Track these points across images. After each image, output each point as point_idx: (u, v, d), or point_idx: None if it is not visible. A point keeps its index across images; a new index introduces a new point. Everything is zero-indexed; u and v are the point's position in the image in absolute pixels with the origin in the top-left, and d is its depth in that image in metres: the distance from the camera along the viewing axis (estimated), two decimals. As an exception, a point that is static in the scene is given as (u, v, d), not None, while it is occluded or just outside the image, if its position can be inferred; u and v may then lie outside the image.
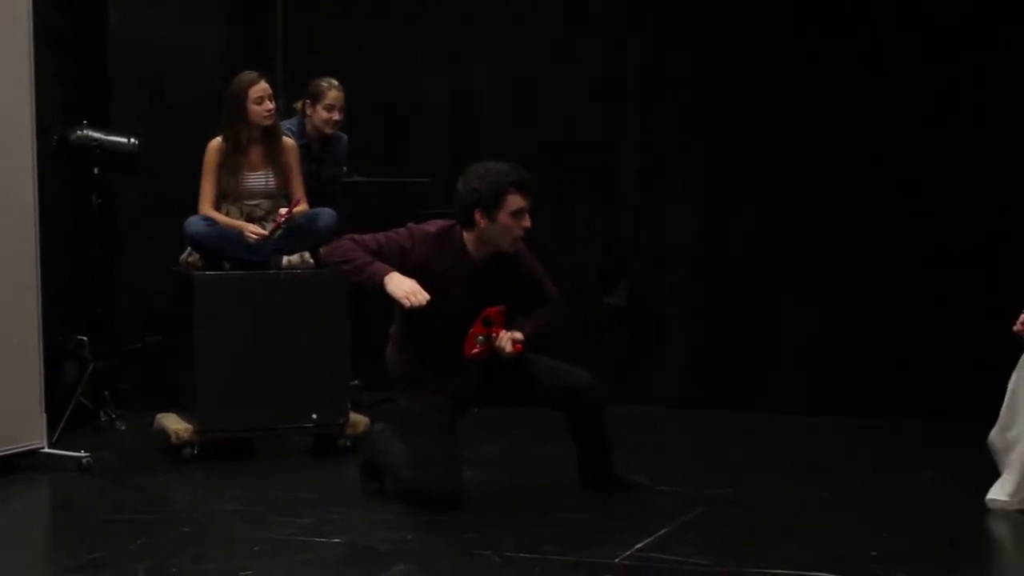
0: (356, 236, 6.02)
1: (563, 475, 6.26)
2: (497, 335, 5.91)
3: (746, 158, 8.43)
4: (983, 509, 5.90)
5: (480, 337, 5.90)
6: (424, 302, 5.74)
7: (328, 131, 7.85)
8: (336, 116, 7.83)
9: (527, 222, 5.88)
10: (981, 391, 7.80)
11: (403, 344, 6.08)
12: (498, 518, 5.87)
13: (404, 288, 5.79)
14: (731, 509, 6.05)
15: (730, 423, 8.06)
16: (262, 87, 7.19)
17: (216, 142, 7.21)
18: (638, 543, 5.40)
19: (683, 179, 8.54)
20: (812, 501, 6.21)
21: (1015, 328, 5.81)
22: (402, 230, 6.02)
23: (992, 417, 6.01)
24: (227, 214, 7.21)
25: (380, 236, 5.98)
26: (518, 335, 5.92)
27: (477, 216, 5.86)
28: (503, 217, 5.83)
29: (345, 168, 8.07)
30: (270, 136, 7.25)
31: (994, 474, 5.95)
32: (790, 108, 8.32)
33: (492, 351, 5.91)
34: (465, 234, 5.94)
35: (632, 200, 8.66)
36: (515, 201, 5.83)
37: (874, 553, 5.28)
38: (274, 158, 7.25)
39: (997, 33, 7.92)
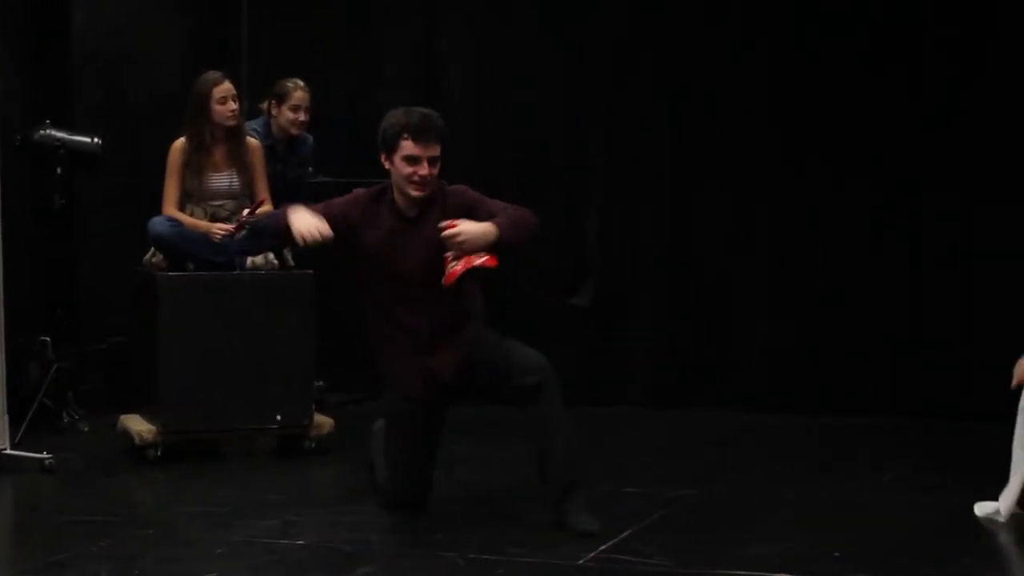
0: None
1: (529, 476, 6.25)
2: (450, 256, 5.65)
3: (714, 157, 8.45)
4: (947, 509, 5.92)
5: (453, 263, 5.63)
6: (320, 236, 5.61)
7: (294, 132, 7.84)
8: (302, 117, 7.82)
9: (424, 169, 5.71)
10: (950, 389, 7.91)
11: (373, 324, 5.93)
12: (464, 519, 5.86)
13: (302, 225, 5.66)
14: (696, 510, 6.06)
15: (697, 424, 8.08)
16: (226, 87, 7.17)
17: (180, 142, 7.18)
18: (603, 544, 5.39)
19: (651, 179, 8.55)
20: (777, 501, 6.22)
21: (1013, 385, 5.66)
22: (348, 195, 5.97)
23: (960, 415, 6.02)
24: (191, 215, 7.18)
25: (323, 205, 5.88)
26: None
27: (383, 159, 5.82)
28: (398, 161, 5.74)
29: (311, 169, 8.05)
30: (234, 136, 7.23)
31: (959, 471, 5.97)
32: (758, 108, 8.34)
33: (469, 266, 5.62)
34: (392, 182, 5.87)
35: (600, 200, 8.67)
36: (407, 147, 5.72)
37: (837, 553, 5.29)
38: (238, 158, 7.23)
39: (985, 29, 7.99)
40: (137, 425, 7.06)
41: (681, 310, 8.48)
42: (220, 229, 7.08)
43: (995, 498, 5.75)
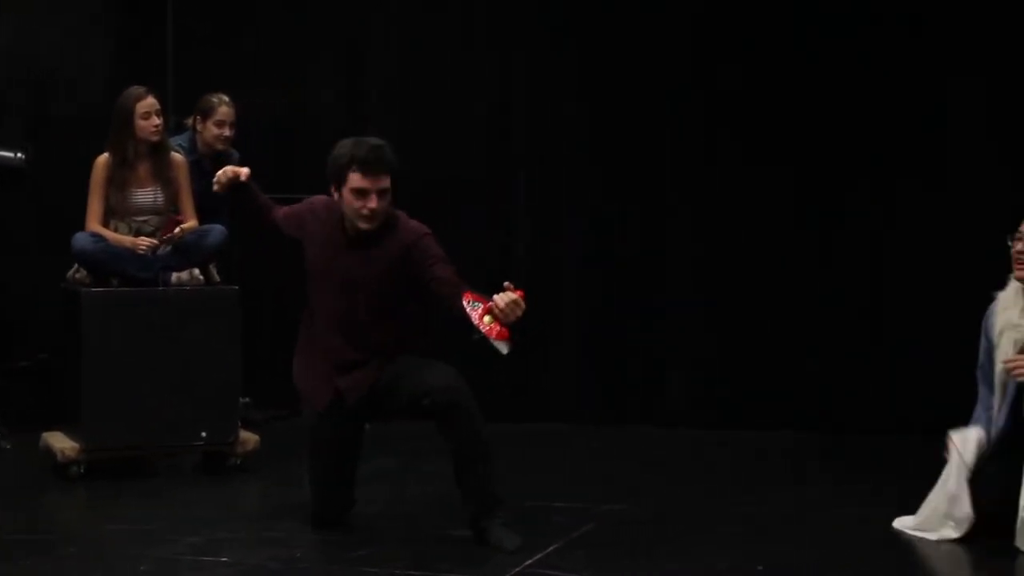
0: None
1: (454, 491, 6.23)
2: (489, 307, 5.41)
3: (636, 168, 8.49)
4: (870, 524, 5.96)
5: (487, 318, 5.40)
6: (226, 178, 5.81)
7: (219, 147, 7.79)
8: (227, 132, 7.78)
9: (372, 203, 5.68)
10: (875, 404, 7.98)
11: (302, 334, 5.94)
12: (390, 535, 5.84)
13: (224, 171, 5.87)
14: (623, 525, 6.06)
15: (625, 439, 8.10)
16: (149, 102, 7.13)
17: (103, 158, 7.13)
18: (528, 559, 5.39)
19: (575, 192, 8.58)
20: (703, 516, 6.24)
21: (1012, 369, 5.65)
22: (306, 201, 6.00)
23: (886, 430, 6.07)
24: (115, 230, 7.13)
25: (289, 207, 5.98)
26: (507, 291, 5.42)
27: (332, 190, 5.81)
28: (347, 194, 5.73)
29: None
30: (158, 152, 7.19)
31: (884, 486, 6.03)
32: (682, 116, 8.40)
33: (492, 334, 5.40)
34: None
35: (524, 214, 8.69)
36: (355, 179, 5.70)
37: (760, 567, 5.32)
38: (163, 174, 7.19)
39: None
40: (60, 442, 7.00)
41: (607, 326, 8.50)
42: (144, 241, 7.04)
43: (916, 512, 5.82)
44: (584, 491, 6.66)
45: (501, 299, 5.34)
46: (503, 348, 5.37)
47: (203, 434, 7.03)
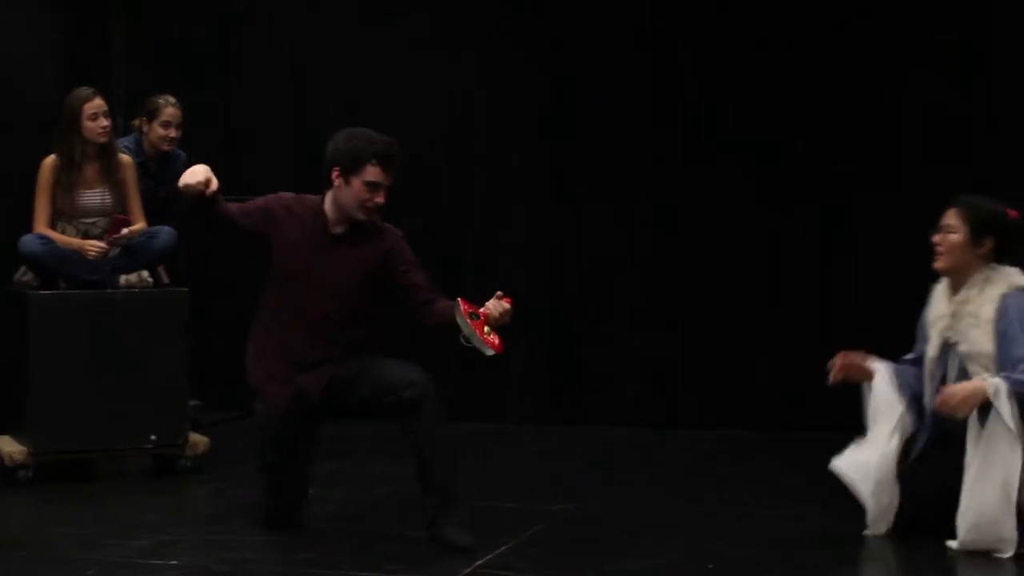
0: None
1: (407, 492, 6.25)
2: (486, 315, 5.64)
3: (593, 168, 8.50)
4: (821, 521, 6.01)
5: (486, 328, 5.62)
6: (196, 182, 5.57)
7: (165, 148, 7.75)
8: (172, 133, 7.74)
9: (381, 197, 5.74)
10: (823, 402, 8.00)
11: (258, 332, 5.88)
12: (341, 536, 5.84)
13: (188, 173, 5.63)
14: (573, 524, 6.08)
15: (574, 439, 8.11)
16: (97, 103, 7.10)
17: (50, 160, 7.10)
18: (479, 560, 5.40)
19: (527, 191, 8.59)
20: (653, 515, 6.27)
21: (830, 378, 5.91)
22: (269, 195, 5.95)
23: (836, 427, 6.13)
24: (63, 232, 7.09)
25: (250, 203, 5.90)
26: (499, 300, 5.65)
27: (334, 175, 5.76)
28: (357, 184, 5.71)
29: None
30: (106, 153, 7.15)
31: (834, 483, 6.08)
32: (634, 116, 8.42)
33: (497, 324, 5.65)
34: (326, 194, 5.82)
35: (476, 215, 8.69)
36: (373, 172, 5.71)
37: (711, 566, 5.35)
38: (110, 175, 7.16)
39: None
40: (7, 446, 6.95)
41: (557, 326, 8.52)
42: (93, 246, 7.01)
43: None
44: (534, 491, 6.68)
45: (495, 309, 5.60)
46: (488, 351, 5.63)
47: (152, 437, 7.00)
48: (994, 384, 5.42)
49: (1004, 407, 5.38)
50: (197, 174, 5.65)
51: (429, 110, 8.71)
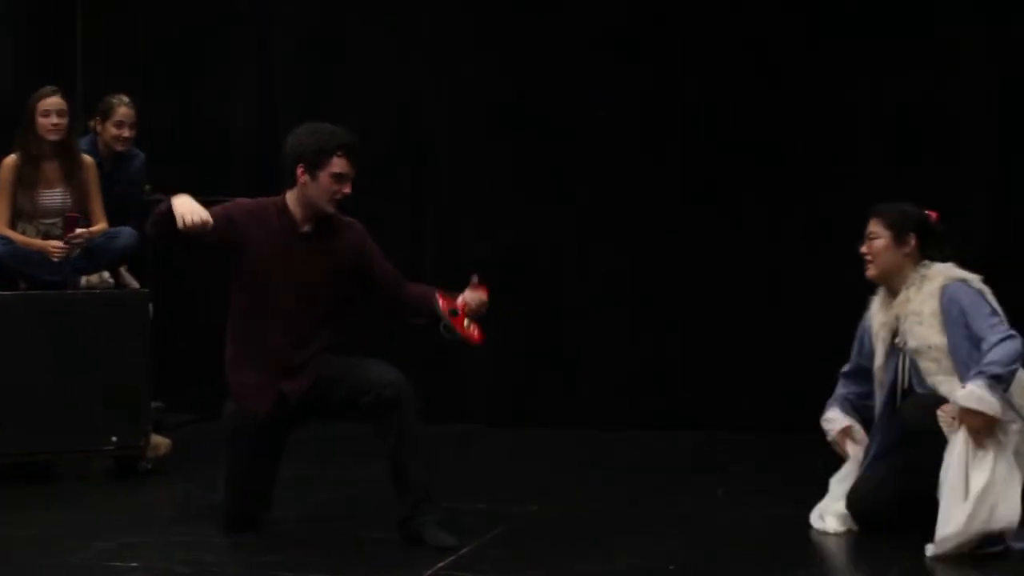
0: None
1: (370, 495, 6.26)
2: (463, 307, 5.77)
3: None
4: (784, 522, 6.04)
5: (465, 321, 5.75)
6: (200, 221, 5.53)
7: (119, 148, 7.70)
8: (126, 133, 7.69)
9: (348, 188, 5.75)
10: (774, 405, 8.04)
11: (234, 337, 5.85)
12: (304, 539, 5.84)
13: (185, 208, 5.56)
14: (535, 526, 6.09)
15: (536, 441, 8.13)
16: (52, 101, 7.08)
17: (11, 159, 7.08)
18: (440, 562, 5.40)
19: (491, 191, 8.60)
20: (615, 516, 6.29)
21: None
22: (230, 202, 5.92)
23: (800, 429, 6.16)
24: (23, 233, 7.07)
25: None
26: (475, 289, 5.81)
27: (299, 171, 5.75)
28: (324, 177, 5.72)
29: (148, 187, 7.95)
30: (65, 153, 7.13)
31: (798, 484, 6.12)
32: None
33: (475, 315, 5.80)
34: (288, 193, 5.82)
35: (439, 214, 8.70)
36: (339, 164, 5.72)
37: (672, 567, 5.36)
38: (71, 175, 7.14)
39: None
40: (-33, 448, 6.93)
41: (517, 327, 8.52)
42: (55, 247, 6.98)
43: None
44: (494, 493, 6.68)
45: (472, 300, 5.75)
46: (469, 344, 5.80)
47: (113, 438, 6.98)
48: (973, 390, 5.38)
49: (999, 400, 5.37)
50: (196, 213, 5.57)
51: (389, 112, 8.72)
